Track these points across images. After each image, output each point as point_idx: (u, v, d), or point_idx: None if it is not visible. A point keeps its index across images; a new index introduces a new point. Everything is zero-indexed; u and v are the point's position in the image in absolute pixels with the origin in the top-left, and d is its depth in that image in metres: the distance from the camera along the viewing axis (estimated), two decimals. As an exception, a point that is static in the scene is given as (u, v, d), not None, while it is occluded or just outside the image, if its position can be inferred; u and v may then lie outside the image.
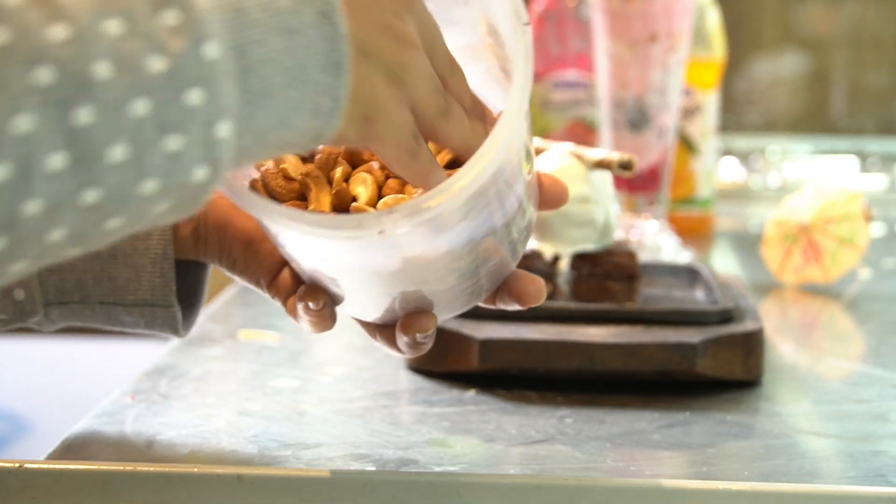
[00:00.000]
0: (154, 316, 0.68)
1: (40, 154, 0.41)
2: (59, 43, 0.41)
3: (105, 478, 0.64)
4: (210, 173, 0.45)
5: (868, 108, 2.12)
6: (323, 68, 0.48)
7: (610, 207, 0.88)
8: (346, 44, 0.48)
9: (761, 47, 2.11)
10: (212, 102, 0.44)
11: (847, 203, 1.13)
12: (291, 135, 0.48)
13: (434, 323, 0.62)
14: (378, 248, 0.56)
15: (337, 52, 0.48)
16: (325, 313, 0.62)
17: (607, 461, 0.68)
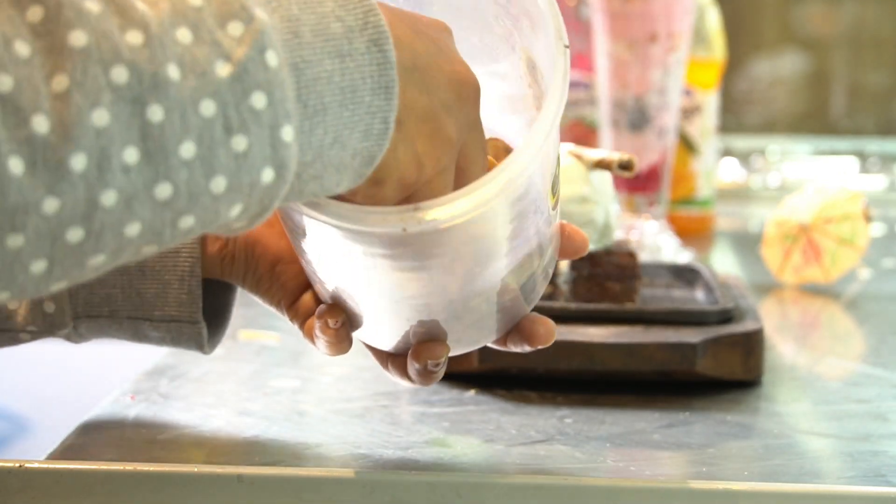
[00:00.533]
0: (180, 332, 0.69)
1: (115, 147, 0.43)
2: (135, 47, 0.44)
3: (105, 478, 0.64)
4: (277, 175, 0.48)
5: (868, 108, 2.12)
6: (373, 91, 0.50)
7: (610, 207, 0.88)
8: (394, 70, 0.50)
9: (761, 47, 2.11)
10: (274, 106, 0.47)
11: (847, 203, 1.13)
12: (346, 154, 0.50)
13: (446, 352, 0.63)
14: (401, 257, 0.56)
15: (386, 76, 0.50)
16: (341, 334, 0.63)
17: (607, 461, 0.68)
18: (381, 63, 0.50)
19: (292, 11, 0.49)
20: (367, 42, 0.50)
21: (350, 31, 0.50)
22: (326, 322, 0.62)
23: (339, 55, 0.49)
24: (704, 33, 1.37)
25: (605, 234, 0.88)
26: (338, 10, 0.50)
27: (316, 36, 0.49)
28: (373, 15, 0.50)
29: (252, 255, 0.68)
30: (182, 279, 0.68)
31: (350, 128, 0.50)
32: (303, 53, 0.48)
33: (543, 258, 0.62)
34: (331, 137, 0.49)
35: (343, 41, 0.49)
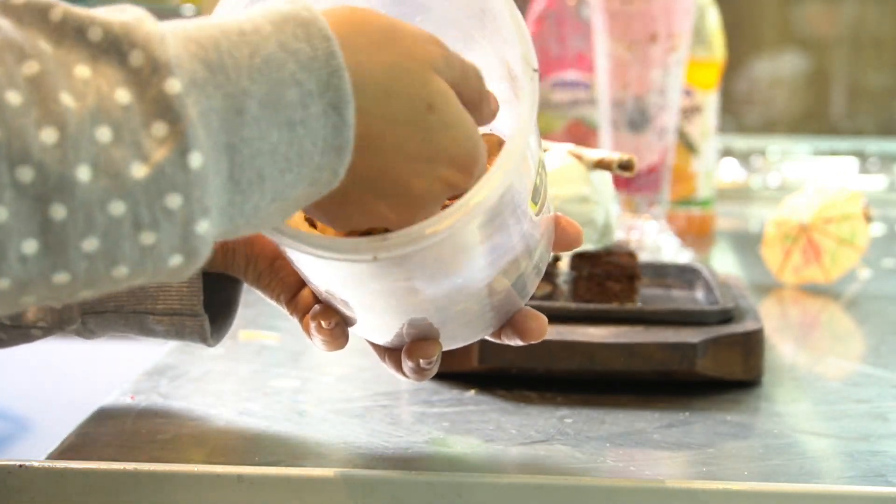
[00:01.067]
0: (183, 325, 0.70)
1: (13, 241, 0.44)
2: (47, 146, 0.44)
3: (105, 478, 0.64)
4: (186, 260, 0.48)
5: (868, 108, 2.12)
6: (324, 152, 0.50)
7: (610, 207, 0.88)
8: (350, 131, 0.50)
9: (761, 47, 2.11)
10: (190, 205, 0.46)
11: (847, 203, 1.13)
12: (287, 204, 0.51)
13: (438, 350, 0.64)
14: (381, 276, 0.57)
15: (340, 138, 0.50)
16: (336, 333, 0.64)
17: (607, 461, 0.68)
18: (336, 126, 0.50)
19: (241, 85, 0.48)
20: (325, 106, 0.49)
21: (308, 95, 0.49)
22: (321, 323, 0.63)
23: (288, 124, 0.49)
24: (704, 33, 1.37)
25: (605, 234, 0.88)
26: (299, 73, 0.49)
27: (264, 108, 0.48)
28: (336, 77, 0.49)
29: (252, 251, 0.69)
30: None
31: (293, 186, 0.50)
32: (243, 133, 0.48)
33: (533, 257, 0.63)
34: (269, 198, 0.49)
35: (297, 109, 0.49)
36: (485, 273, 0.60)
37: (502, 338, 0.66)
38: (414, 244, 0.54)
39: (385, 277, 0.58)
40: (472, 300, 0.61)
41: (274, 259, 0.68)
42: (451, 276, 0.59)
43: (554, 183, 0.87)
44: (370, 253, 0.54)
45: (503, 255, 0.60)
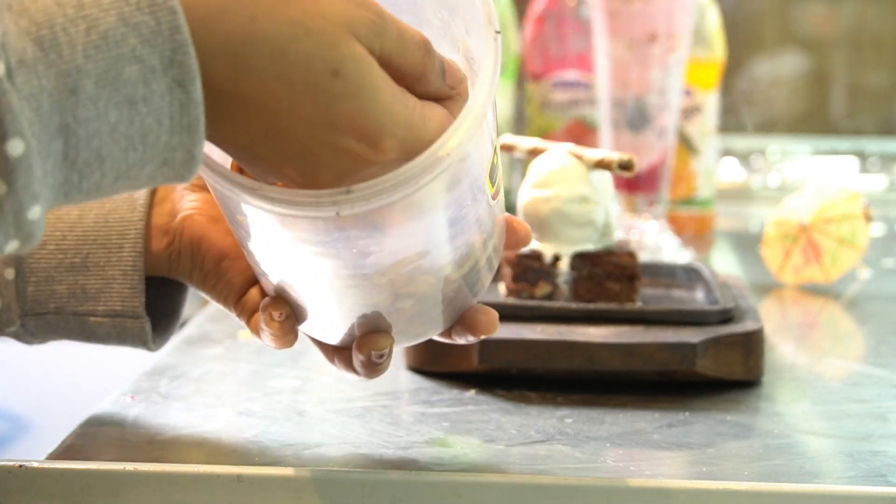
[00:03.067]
0: (124, 327, 0.70)
1: None
2: None
3: (105, 478, 0.64)
4: (22, 245, 0.47)
5: (868, 108, 2.12)
6: (171, 131, 0.48)
7: (610, 207, 0.88)
8: (199, 108, 0.48)
9: (761, 47, 2.11)
10: (16, 193, 0.45)
11: (847, 203, 1.13)
12: (138, 182, 0.49)
13: (390, 343, 0.62)
14: (340, 243, 0.56)
15: (189, 116, 0.48)
16: (286, 326, 0.63)
17: (607, 461, 0.68)
18: (183, 103, 0.47)
19: (76, 63, 0.45)
20: (169, 82, 0.47)
21: (149, 72, 0.47)
22: (271, 315, 0.62)
23: (129, 102, 0.46)
24: (704, 33, 1.37)
25: (605, 234, 0.89)
26: (140, 48, 0.46)
27: (101, 87, 0.46)
28: (181, 53, 0.47)
29: (198, 252, 0.68)
30: (125, 274, 0.69)
31: (139, 166, 0.48)
32: (77, 113, 0.46)
33: (487, 249, 0.62)
34: (111, 177, 0.48)
35: (138, 86, 0.46)
36: (443, 251, 0.58)
37: (453, 336, 0.65)
38: (380, 197, 0.52)
39: (343, 250, 0.56)
40: (427, 287, 0.60)
41: (221, 259, 0.67)
42: (411, 253, 0.57)
43: (554, 183, 0.87)
44: (332, 208, 0.52)
45: (461, 236, 0.59)
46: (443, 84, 0.54)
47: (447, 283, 0.61)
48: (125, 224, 0.69)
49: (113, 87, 0.46)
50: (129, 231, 0.69)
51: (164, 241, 0.69)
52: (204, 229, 0.68)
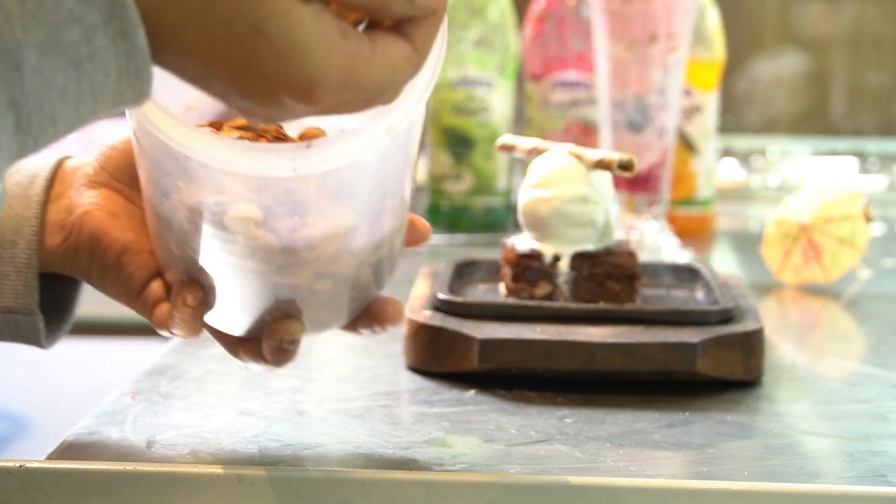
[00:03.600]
0: (17, 324, 0.69)
1: None
2: None
3: (105, 478, 0.64)
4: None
5: (868, 108, 2.12)
6: (119, 78, 0.48)
7: (610, 207, 0.88)
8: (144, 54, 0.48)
9: (761, 47, 2.11)
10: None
11: (847, 203, 1.13)
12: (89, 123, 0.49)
13: (301, 329, 0.63)
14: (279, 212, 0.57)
15: (135, 62, 0.48)
16: (198, 312, 0.63)
17: (607, 461, 0.68)
18: (129, 52, 0.48)
19: (15, 38, 0.45)
20: (112, 35, 0.47)
21: (91, 30, 0.47)
22: (185, 299, 0.62)
23: (74, 64, 0.47)
24: (704, 33, 1.37)
25: (605, 234, 0.89)
26: (77, 9, 0.46)
27: (44, 55, 0.46)
28: (119, 6, 0.47)
29: (98, 247, 0.68)
30: (19, 270, 0.69)
31: (91, 114, 0.49)
32: (24, 87, 0.46)
33: (394, 244, 0.64)
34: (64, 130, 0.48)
35: (81, 46, 0.47)
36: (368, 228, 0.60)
37: (358, 328, 0.66)
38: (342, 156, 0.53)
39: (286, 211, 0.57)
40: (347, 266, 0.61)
41: (121, 254, 0.67)
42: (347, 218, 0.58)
43: (554, 183, 0.87)
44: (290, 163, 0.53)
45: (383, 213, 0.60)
46: (408, 7, 0.53)
47: (361, 268, 0.62)
48: (19, 221, 0.69)
49: (56, 52, 0.47)
50: (24, 227, 0.69)
51: (59, 236, 0.69)
52: (104, 224, 0.68)
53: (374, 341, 0.90)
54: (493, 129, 1.38)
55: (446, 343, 0.81)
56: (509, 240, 0.90)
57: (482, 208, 1.39)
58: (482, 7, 1.37)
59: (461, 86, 1.37)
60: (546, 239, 0.88)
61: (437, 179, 1.38)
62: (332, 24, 0.51)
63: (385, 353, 0.87)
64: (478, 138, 1.37)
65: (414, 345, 0.83)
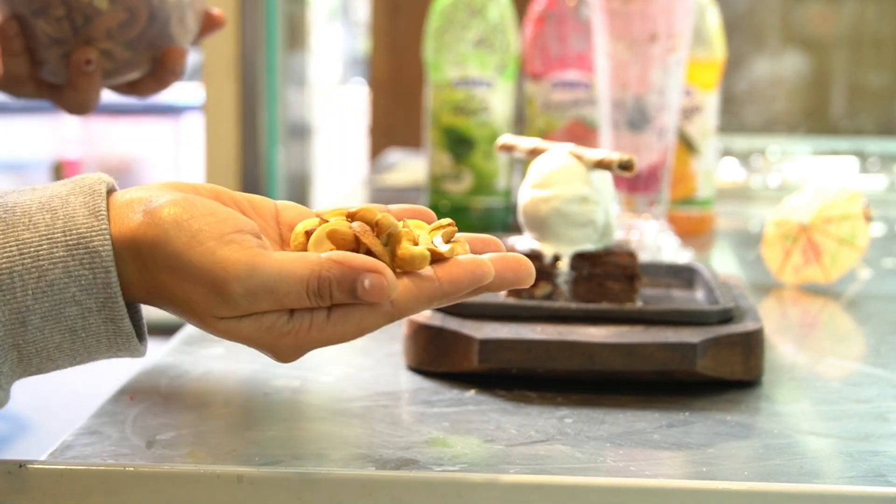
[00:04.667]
0: None
1: None
2: None
3: (105, 478, 0.64)
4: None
5: (868, 108, 2.12)
6: (109, 346, 0.62)
7: (610, 207, 0.88)
8: (130, 335, 0.62)
9: (761, 47, 2.11)
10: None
11: (847, 203, 1.13)
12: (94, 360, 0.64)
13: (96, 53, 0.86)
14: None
15: (121, 338, 0.62)
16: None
17: (607, 461, 0.68)
18: (116, 332, 0.61)
19: (25, 303, 0.59)
20: (103, 319, 0.61)
21: (87, 311, 0.60)
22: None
23: (70, 330, 0.61)
24: (704, 33, 1.37)
25: (605, 234, 0.89)
26: (79, 294, 0.60)
27: (46, 320, 0.60)
28: (111, 301, 0.60)
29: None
30: None
31: (91, 359, 0.63)
32: (26, 337, 0.60)
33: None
34: (67, 366, 0.62)
35: (77, 320, 0.60)
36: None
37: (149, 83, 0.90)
38: None
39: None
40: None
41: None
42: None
43: (554, 183, 0.87)
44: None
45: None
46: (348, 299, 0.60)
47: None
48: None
49: (56, 320, 0.60)
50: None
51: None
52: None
53: (375, 341, 0.90)
54: (493, 129, 1.38)
55: (446, 343, 0.81)
56: (509, 240, 0.90)
57: (482, 208, 1.39)
58: (482, 7, 1.37)
59: (461, 86, 1.37)
60: (546, 239, 0.88)
61: (437, 179, 1.38)
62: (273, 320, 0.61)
63: (385, 353, 0.87)
64: (478, 138, 1.37)
65: (414, 345, 0.83)
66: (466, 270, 0.61)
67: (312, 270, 0.59)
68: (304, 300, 0.60)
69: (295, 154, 3.63)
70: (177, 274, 0.60)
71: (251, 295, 0.59)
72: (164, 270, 0.60)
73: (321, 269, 0.59)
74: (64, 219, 0.60)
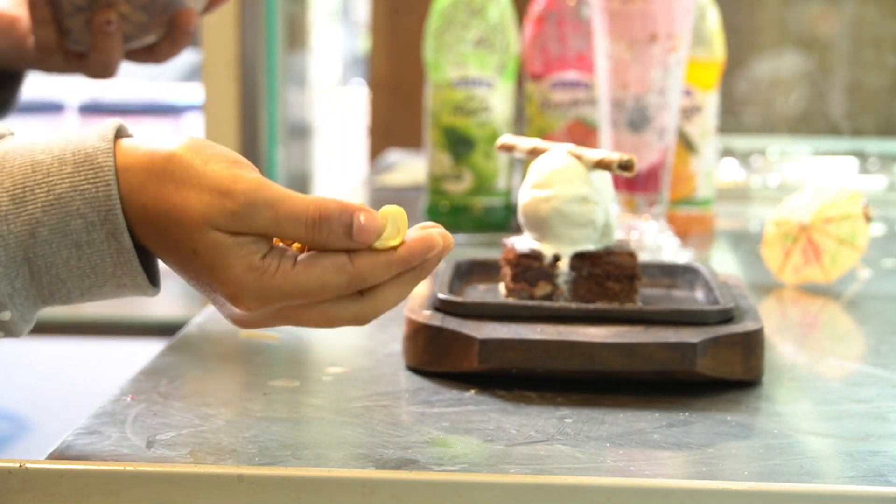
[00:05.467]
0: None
1: None
2: None
3: (105, 478, 0.64)
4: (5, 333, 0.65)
5: (868, 108, 2.12)
6: (115, 266, 0.65)
7: (610, 207, 0.88)
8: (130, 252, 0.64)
9: (761, 47, 2.11)
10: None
11: (847, 203, 1.13)
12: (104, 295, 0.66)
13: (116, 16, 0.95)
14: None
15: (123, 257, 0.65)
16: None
17: (607, 461, 0.68)
18: (118, 249, 0.64)
19: (35, 216, 0.63)
20: (105, 233, 0.64)
21: (91, 225, 0.64)
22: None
23: (76, 245, 0.64)
24: (704, 33, 1.37)
25: (605, 234, 0.89)
26: (83, 207, 0.64)
27: (53, 233, 0.64)
28: (112, 214, 0.64)
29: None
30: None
31: (97, 287, 0.65)
32: (35, 250, 0.64)
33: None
34: (77, 294, 0.65)
35: (82, 234, 0.64)
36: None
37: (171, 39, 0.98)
38: None
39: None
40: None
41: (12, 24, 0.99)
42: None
43: (554, 183, 0.87)
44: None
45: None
46: (346, 243, 0.64)
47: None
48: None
49: (63, 234, 0.64)
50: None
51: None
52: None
53: (375, 341, 0.90)
54: (493, 129, 1.38)
55: (446, 343, 0.81)
56: (509, 240, 0.90)
57: (482, 208, 1.39)
58: (482, 7, 1.37)
59: (461, 86, 1.37)
60: (546, 239, 0.88)
61: (437, 179, 1.38)
62: (252, 250, 0.64)
63: (385, 353, 0.87)
64: (478, 138, 1.37)
65: (414, 345, 0.83)
66: (419, 240, 0.66)
67: (315, 203, 0.64)
68: (299, 229, 0.64)
69: (295, 154, 3.63)
70: (185, 183, 0.64)
71: (252, 207, 0.63)
72: (172, 181, 0.64)
73: (323, 203, 0.64)
74: (76, 143, 0.65)
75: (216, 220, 0.64)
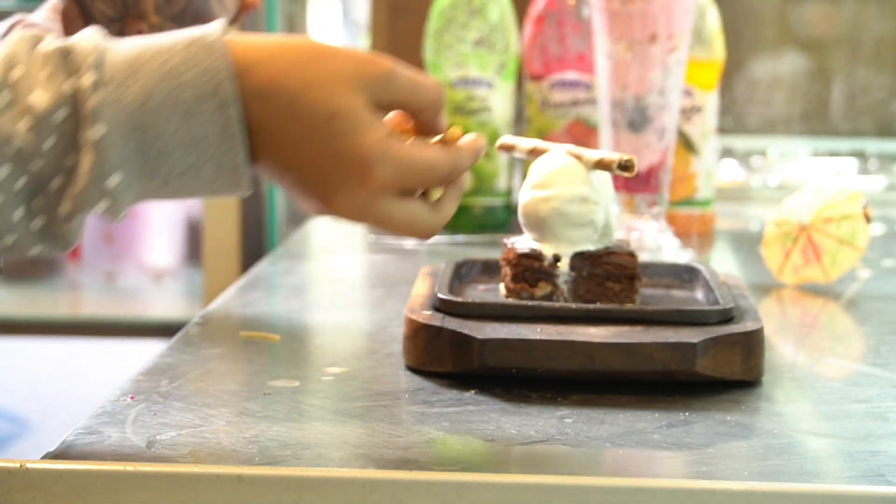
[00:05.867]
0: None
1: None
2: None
3: (105, 478, 0.64)
4: (107, 209, 0.65)
5: (868, 108, 2.12)
6: (221, 140, 0.65)
7: (610, 207, 0.88)
8: (237, 126, 0.65)
9: (761, 47, 2.11)
10: (100, 162, 0.64)
11: (847, 203, 1.13)
12: (205, 179, 0.66)
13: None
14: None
15: (230, 130, 0.65)
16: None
17: (607, 461, 0.68)
18: (226, 121, 0.65)
19: (150, 84, 0.64)
20: (215, 105, 0.65)
21: (201, 97, 0.65)
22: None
23: (185, 115, 0.65)
24: (704, 33, 1.37)
25: (605, 234, 0.89)
26: (193, 80, 0.65)
27: (165, 102, 0.64)
28: (222, 88, 0.65)
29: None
30: None
31: (199, 165, 0.66)
32: (147, 119, 0.64)
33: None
34: (179, 170, 0.65)
35: (192, 104, 0.65)
36: None
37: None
38: None
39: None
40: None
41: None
42: None
43: (554, 183, 0.87)
44: None
45: None
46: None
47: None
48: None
49: (174, 103, 0.65)
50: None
51: None
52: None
53: (375, 341, 0.90)
54: (493, 129, 1.38)
55: (446, 343, 0.81)
56: (509, 240, 0.90)
57: (482, 208, 1.39)
58: (482, 7, 1.37)
59: (461, 86, 1.37)
60: (546, 239, 0.88)
61: (437, 179, 1.38)
62: (383, 125, 0.67)
63: (385, 353, 0.87)
64: (478, 138, 1.37)
65: (414, 345, 0.83)
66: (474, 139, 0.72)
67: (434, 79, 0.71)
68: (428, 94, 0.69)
69: (295, 154, 3.63)
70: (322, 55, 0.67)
71: (395, 72, 0.68)
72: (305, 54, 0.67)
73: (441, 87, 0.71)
74: (191, 30, 0.67)
75: (364, 80, 0.66)
